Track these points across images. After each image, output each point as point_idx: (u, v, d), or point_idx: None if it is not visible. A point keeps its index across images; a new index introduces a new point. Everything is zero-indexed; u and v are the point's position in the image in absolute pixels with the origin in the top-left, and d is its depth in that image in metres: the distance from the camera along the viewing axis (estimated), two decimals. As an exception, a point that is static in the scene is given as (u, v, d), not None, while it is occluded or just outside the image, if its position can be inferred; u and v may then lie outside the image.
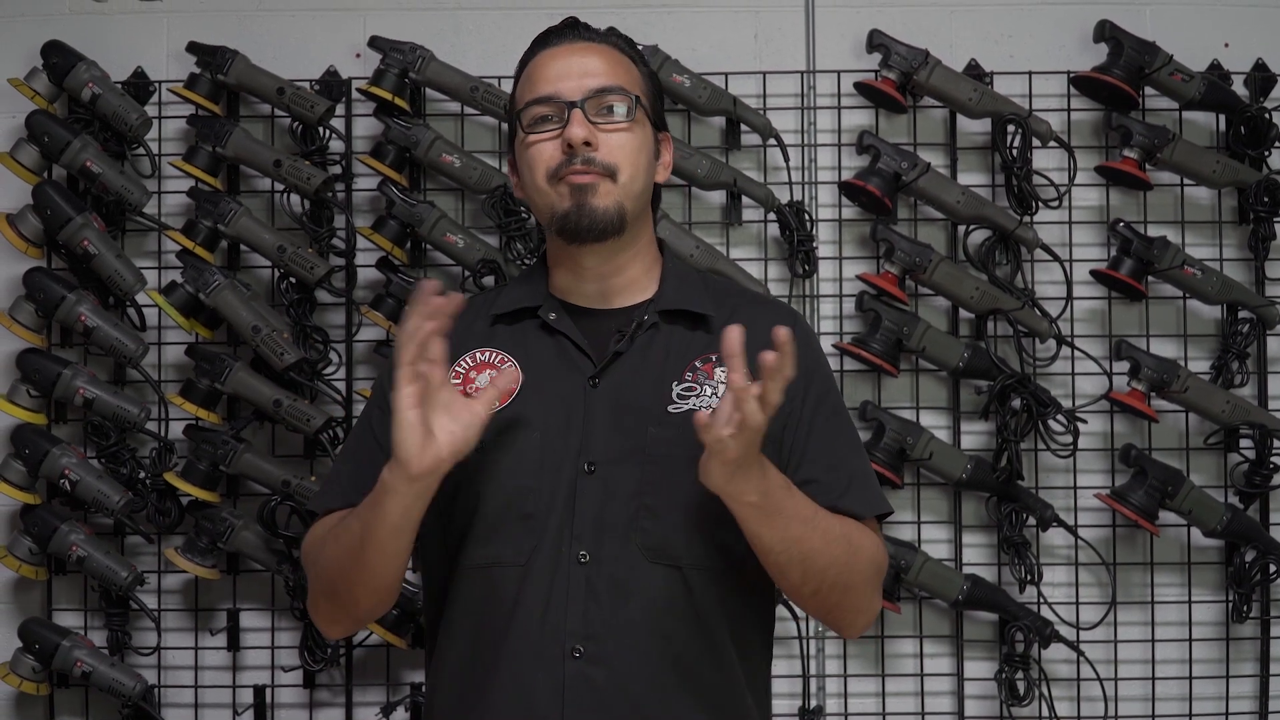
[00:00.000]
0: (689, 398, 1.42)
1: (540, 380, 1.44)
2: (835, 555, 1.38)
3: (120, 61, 2.40)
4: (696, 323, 1.48)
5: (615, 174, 1.42)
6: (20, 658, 2.28)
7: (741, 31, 2.47)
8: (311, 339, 2.34)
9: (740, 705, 1.44)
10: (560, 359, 1.45)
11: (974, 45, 2.44)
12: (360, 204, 2.43)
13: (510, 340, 1.48)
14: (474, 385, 1.44)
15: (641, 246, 1.50)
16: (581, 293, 1.49)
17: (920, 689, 2.39)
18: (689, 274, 1.56)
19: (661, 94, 1.56)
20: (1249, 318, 2.37)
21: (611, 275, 1.48)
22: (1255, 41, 2.43)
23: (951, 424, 2.41)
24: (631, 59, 1.51)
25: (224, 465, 2.29)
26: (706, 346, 1.46)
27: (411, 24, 2.43)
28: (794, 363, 1.24)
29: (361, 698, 2.38)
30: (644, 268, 1.51)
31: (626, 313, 1.48)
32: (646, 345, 1.45)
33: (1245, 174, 2.36)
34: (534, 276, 1.54)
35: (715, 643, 1.41)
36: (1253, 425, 2.32)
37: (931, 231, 2.43)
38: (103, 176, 2.30)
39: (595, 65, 1.45)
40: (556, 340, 1.47)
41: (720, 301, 1.51)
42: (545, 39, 1.50)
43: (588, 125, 1.41)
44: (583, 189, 1.41)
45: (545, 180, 1.43)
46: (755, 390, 1.23)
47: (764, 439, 1.41)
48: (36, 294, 2.30)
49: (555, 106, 1.43)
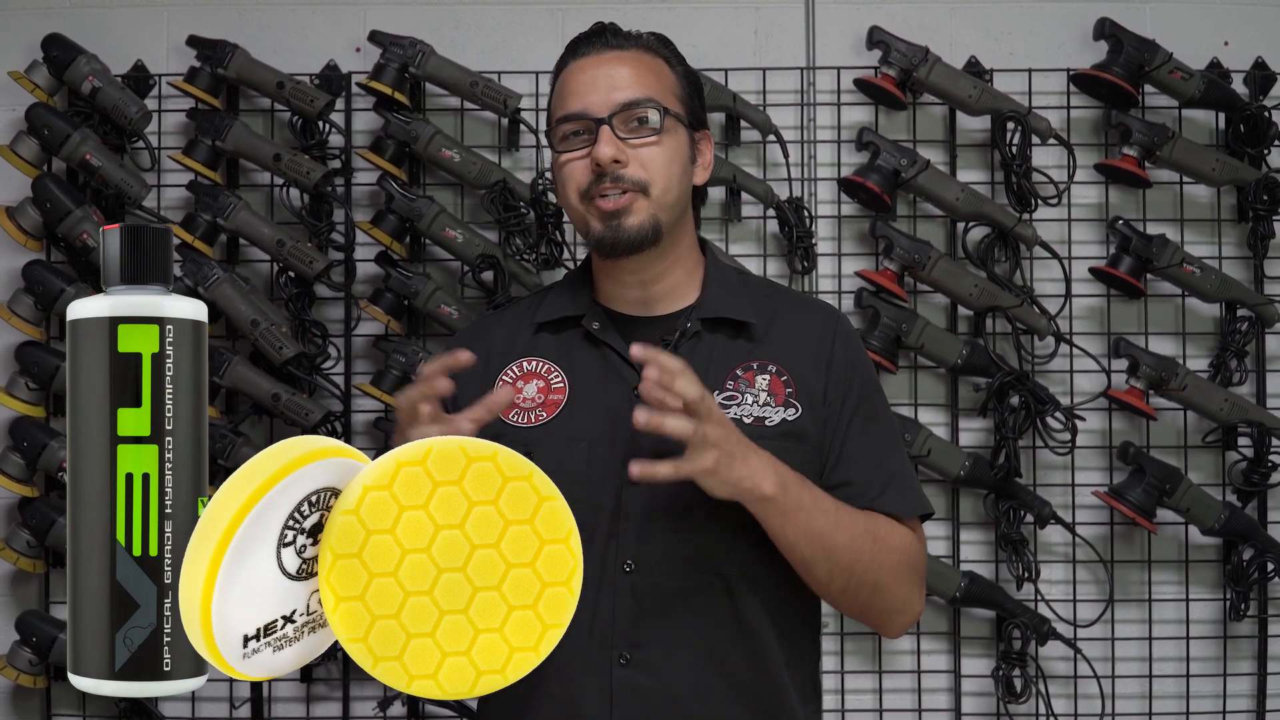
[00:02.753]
0: (730, 406, 1.43)
1: (586, 390, 1.44)
2: (860, 551, 1.37)
3: (120, 55, 2.40)
4: (738, 330, 1.48)
5: (647, 189, 1.42)
6: (18, 650, 2.28)
7: (742, 27, 2.47)
8: (310, 333, 2.34)
9: (786, 709, 1.44)
10: (605, 369, 1.46)
11: (974, 42, 2.44)
12: (360, 198, 2.43)
13: (555, 349, 1.49)
14: (522, 395, 1.46)
15: (682, 251, 1.50)
16: (624, 300, 1.50)
17: (917, 686, 2.39)
18: (730, 277, 1.55)
19: (700, 90, 1.55)
20: (1248, 316, 2.37)
21: (653, 282, 1.49)
22: (1255, 40, 2.43)
23: (950, 421, 2.41)
24: (666, 59, 1.50)
25: (222, 459, 2.29)
26: (748, 355, 1.46)
27: (411, 18, 2.43)
28: (686, 367, 1.25)
29: (359, 692, 2.39)
30: (686, 272, 1.51)
31: (670, 320, 1.49)
32: (689, 354, 1.45)
33: (1245, 172, 2.36)
34: (578, 283, 1.54)
35: (760, 648, 1.41)
36: (1251, 423, 2.32)
37: (930, 228, 2.43)
38: (102, 170, 2.30)
39: (624, 76, 1.44)
40: (601, 350, 1.47)
41: (761, 306, 1.50)
42: (575, 47, 1.50)
43: (616, 142, 1.41)
44: (613, 214, 1.41)
45: (578, 200, 1.44)
46: (645, 418, 1.22)
47: (803, 439, 1.42)
48: (35, 287, 2.30)
49: (584, 123, 1.43)
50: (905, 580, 1.44)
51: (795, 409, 1.43)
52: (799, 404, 1.44)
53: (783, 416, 1.43)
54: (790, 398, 1.44)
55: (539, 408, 1.45)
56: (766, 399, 1.43)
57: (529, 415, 1.45)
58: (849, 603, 1.42)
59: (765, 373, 1.44)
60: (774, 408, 1.43)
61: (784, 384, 1.44)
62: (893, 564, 1.41)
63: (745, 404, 1.43)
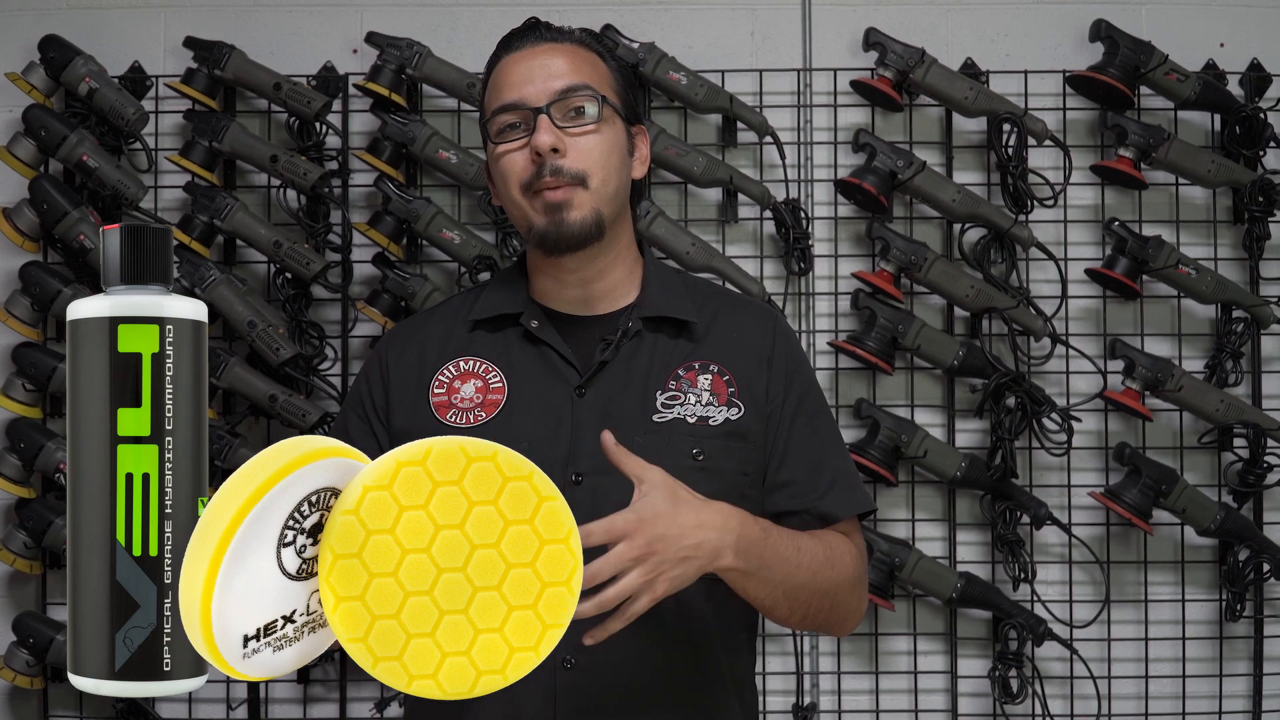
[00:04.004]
0: (673, 406, 1.42)
1: (526, 390, 1.42)
2: (820, 582, 1.38)
3: (117, 56, 2.40)
4: (679, 330, 1.47)
5: (586, 180, 1.40)
6: (14, 651, 2.28)
7: (738, 29, 2.47)
8: (307, 334, 2.34)
9: (727, 704, 1.44)
10: (545, 368, 1.44)
11: (970, 44, 2.45)
12: (357, 199, 2.43)
13: (492, 348, 1.46)
14: (459, 395, 1.43)
15: (622, 248, 1.49)
16: (563, 299, 1.48)
17: (914, 686, 2.39)
18: (670, 276, 1.54)
19: (634, 86, 1.53)
20: (1243, 317, 2.37)
21: (593, 280, 1.47)
22: (1251, 41, 2.44)
23: (946, 422, 2.41)
24: (599, 54, 1.48)
25: (219, 460, 2.29)
26: (689, 354, 1.45)
27: (408, 20, 2.43)
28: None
29: (355, 693, 2.39)
30: (626, 270, 1.49)
31: (610, 319, 1.47)
32: (631, 354, 1.44)
33: (1240, 174, 2.37)
34: (513, 280, 1.52)
35: (702, 645, 1.42)
36: (1246, 424, 2.33)
37: (927, 230, 2.43)
38: (99, 171, 2.30)
39: (560, 66, 1.42)
40: (540, 349, 1.45)
41: (702, 305, 1.50)
42: (509, 42, 1.48)
43: (555, 131, 1.39)
44: (557, 206, 1.39)
45: (519, 193, 1.41)
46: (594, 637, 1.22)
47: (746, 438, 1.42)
48: (32, 288, 2.30)
49: (521, 113, 1.41)
50: (856, 589, 1.46)
51: (738, 408, 1.43)
52: (741, 403, 1.43)
53: (725, 416, 1.42)
54: (733, 397, 1.43)
55: (477, 408, 1.42)
56: (709, 399, 1.42)
57: (467, 416, 1.42)
58: (807, 625, 1.43)
59: (707, 372, 1.44)
60: (717, 407, 1.42)
61: (726, 383, 1.43)
62: (847, 580, 1.42)
63: (688, 404, 1.42)
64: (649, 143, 1.54)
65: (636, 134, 1.50)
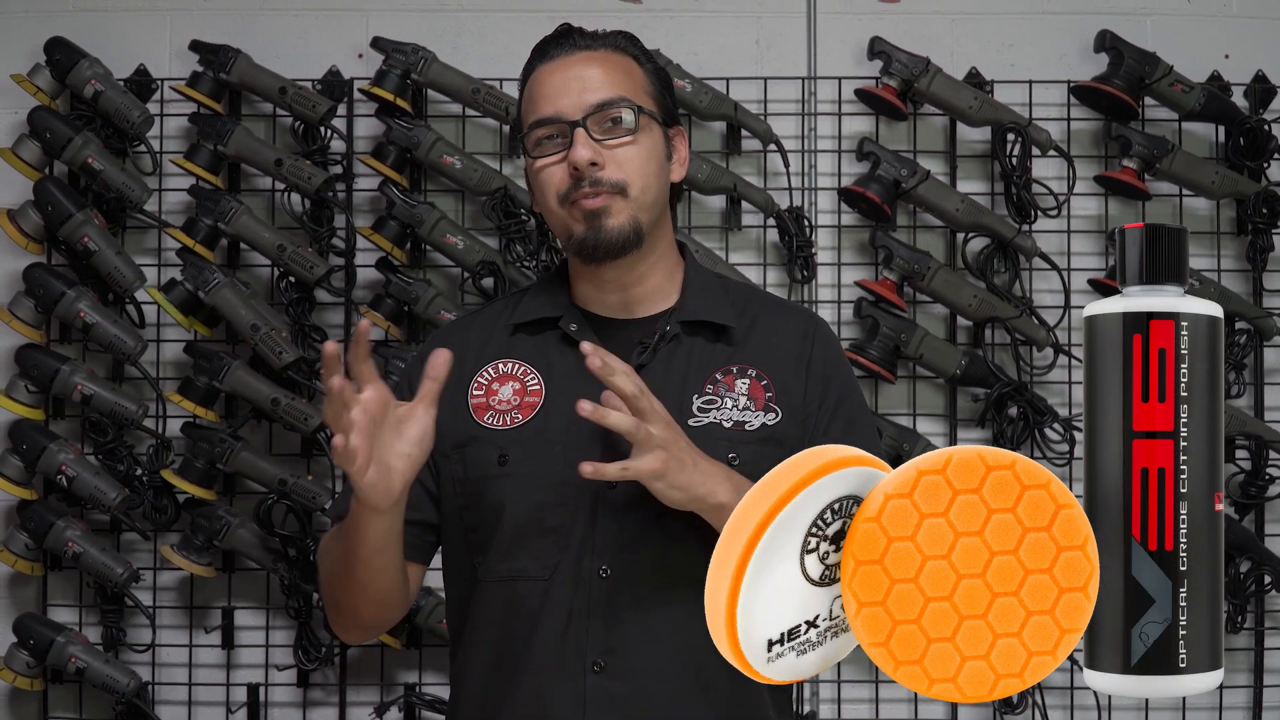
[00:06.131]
0: (710, 410, 1.41)
1: (563, 393, 1.42)
2: None
3: (123, 59, 2.40)
4: (718, 334, 1.46)
5: (625, 190, 1.40)
6: (15, 653, 2.28)
7: (743, 37, 2.47)
8: (310, 338, 2.34)
9: (760, 704, 1.43)
10: (583, 372, 1.41)
11: (975, 54, 2.45)
12: (360, 204, 2.44)
13: (532, 351, 1.47)
14: (497, 397, 1.44)
15: (662, 252, 1.49)
16: (603, 303, 1.48)
17: (914, 695, 2.39)
18: (710, 280, 1.53)
19: (671, 87, 1.54)
20: (1246, 329, 2.37)
21: (633, 285, 1.47)
22: (1256, 53, 2.44)
23: (948, 431, 2.41)
24: (635, 58, 1.48)
25: (221, 463, 2.29)
26: (727, 358, 1.45)
27: (414, 25, 2.43)
28: (629, 370, 1.28)
29: (355, 697, 2.39)
30: (665, 274, 1.49)
31: (649, 323, 1.47)
32: (668, 357, 1.44)
33: (1244, 185, 2.37)
34: (554, 285, 1.52)
35: None
36: (1249, 436, 2.33)
37: (930, 239, 2.43)
38: (104, 173, 2.30)
39: (595, 77, 1.42)
40: (578, 353, 1.44)
41: (741, 310, 1.49)
42: (543, 50, 1.47)
43: (592, 145, 1.39)
44: (595, 213, 1.39)
45: (557, 204, 1.42)
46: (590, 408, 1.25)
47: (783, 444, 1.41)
48: (36, 290, 2.30)
49: (558, 127, 1.41)
50: None
51: (775, 413, 1.42)
52: (779, 408, 1.43)
53: (763, 421, 1.42)
54: (770, 402, 1.43)
55: (515, 410, 1.43)
56: (746, 403, 1.42)
57: (504, 418, 1.43)
58: None
59: (745, 377, 1.43)
60: (754, 412, 1.42)
61: (764, 388, 1.43)
62: None
63: (725, 408, 1.42)
64: (687, 143, 1.54)
65: (674, 136, 1.50)
